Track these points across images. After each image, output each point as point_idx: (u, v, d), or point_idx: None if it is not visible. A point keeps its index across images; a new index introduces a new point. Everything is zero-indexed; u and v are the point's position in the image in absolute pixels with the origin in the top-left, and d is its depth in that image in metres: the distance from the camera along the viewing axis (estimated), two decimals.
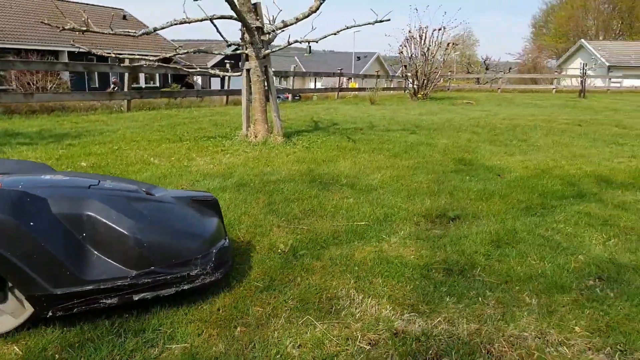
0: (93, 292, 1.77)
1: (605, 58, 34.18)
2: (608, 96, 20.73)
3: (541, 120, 10.03)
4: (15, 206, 1.71)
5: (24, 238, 1.67)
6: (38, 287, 1.68)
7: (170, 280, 1.91)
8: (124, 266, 1.83)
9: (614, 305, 2.14)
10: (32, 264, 1.67)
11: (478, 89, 25.62)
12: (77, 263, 1.76)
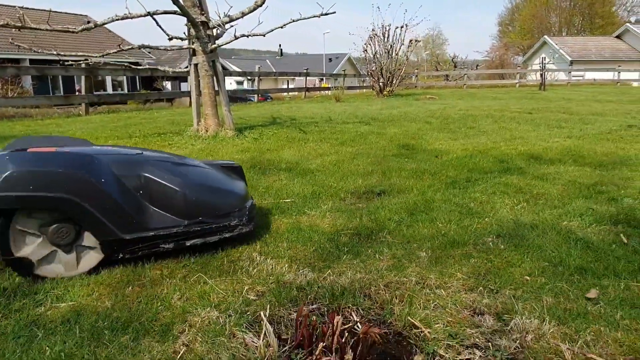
0: (154, 237, 2.11)
1: (567, 53, 35.24)
2: (567, 88, 21.40)
3: (494, 110, 10.32)
4: (90, 166, 2.01)
5: (99, 192, 1.97)
6: (110, 232, 2.00)
7: (215, 229, 2.27)
8: (177, 217, 2.18)
9: (500, 255, 2.28)
10: (106, 213, 1.98)
11: (445, 86, 26.14)
12: (139, 214, 2.09)
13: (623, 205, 3.06)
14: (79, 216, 1.96)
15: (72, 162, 1.99)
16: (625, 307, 1.78)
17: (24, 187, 1.86)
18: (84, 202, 1.93)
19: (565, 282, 1.99)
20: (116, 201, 2.01)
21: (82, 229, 2.03)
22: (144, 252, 2.12)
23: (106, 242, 2.03)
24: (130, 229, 2.05)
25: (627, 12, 48.72)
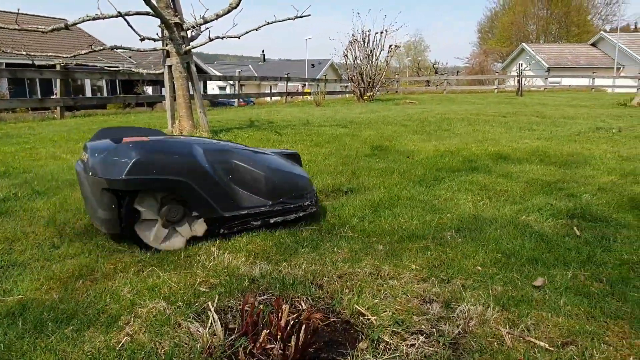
0: (246, 216, 2.43)
1: (544, 60, 36.02)
2: (544, 94, 21.85)
3: (471, 114, 10.48)
4: (197, 153, 2.29)
5: (206, 176, 2.26)
6: (214, 211, 2.31)
7: (293, 209, 2.58)
8: (263, 198, 2.49)
9: (456, 248, 2.31)
10: (210, 194, 2.28)
11: (426, 91, 26.46)
12: (234, 196, 2.39)
13: (581, 201, 3.13)
14: (190, 196, 2.24)
15: (183, 150, 2.31)
16: (570, 294, 1.83)
17: (149, 171, 2.12)
18: (195, 185, 2.22)
19: (516, 272, 2.03)
20: (218, 184, 2.32)
21: (190, 209, 2.29)
22: (238, 228, 2.43)
23: (210, 219, 2.33)
24: (229, 208, 2.37)
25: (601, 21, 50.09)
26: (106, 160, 2.16)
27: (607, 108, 12.25)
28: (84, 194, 2.41)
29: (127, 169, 2.08)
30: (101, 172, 2.13)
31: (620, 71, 33.69)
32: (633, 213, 2.87)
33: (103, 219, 2.19)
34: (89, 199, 2.29)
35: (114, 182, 2.09)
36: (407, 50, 74.15)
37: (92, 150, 2.28)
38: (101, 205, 2.17)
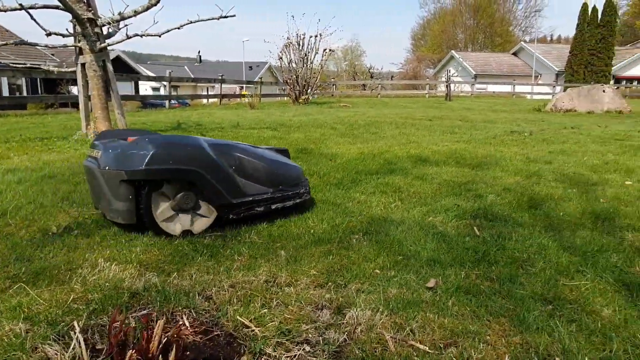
0: (252, 202, 2.64)
1: (471, 67, 38.00)
2: (470, 99, 23.01)
3: (400, 118, 10.77)
4: (208, 145, 2.49)
5: (217, 166, 2.45)
6: (224, 198, 2.50)
7: (291, 196, 2.83)
8: (265, 186, 2.71)
9: (359, 251, 2.30)
10: (221, 183, 2.47)
11: (362, 95, 26.97)
12: (241, 184, 2.59)
13: (486, 202, 3.26)
14: (203, 185, 2.43)
15: (194, 143, 2.48)
16: (460, 294, 1.86)
17: (166, 161, 2.29)
18: (207, 174, 2.41)
19: (413, 274, 2.04)
20: (226, 173, 2.51)
21: (202, 197, 2.48)
22: (245, 214, 2.64)
23: (220, 205, 2.52)
24: (237, 195, 2.56)
25: (522, 32, 53.78)
26: (124, 154, 2.32)
27: (524, 113, 13.09)
28: (95, 189, 2.52)
29: (146, 160, 2.25)
30: (119, 165, 2.29)
31: (538, 79, 36.26)
32: (530, 212, 3.02)
33: (120, 210, 2.33)
34: (103, 193, 2.40)
35: (134, 173, 2.26)
36: (345, 54, 75.35)
37: (106, 147, 2.43)
38: (118, 197, 2.31)
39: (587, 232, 2.63)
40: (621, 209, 3.09)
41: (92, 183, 2.56)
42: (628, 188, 3.72)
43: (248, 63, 48.69)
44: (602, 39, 30.17)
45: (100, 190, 2.43)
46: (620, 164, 4.70)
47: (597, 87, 13.53)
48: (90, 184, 2.61)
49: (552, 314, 1.72)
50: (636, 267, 2.16)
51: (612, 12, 30.29)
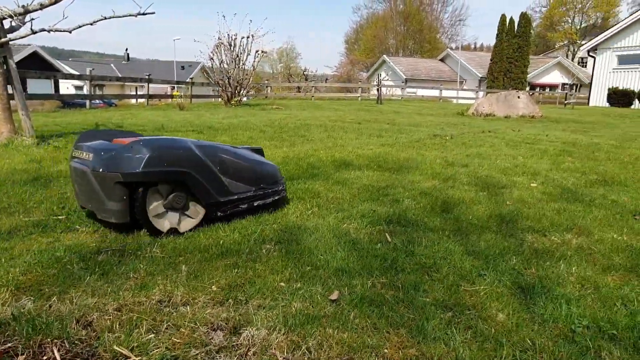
0: (237, 200, 2.78)
1: (402, 72, 39.33)
2: (401, 103, 23.76)
3: (330, 121, 10.84)
4: (195, 147, 2.60)
5: (206, 167, 2.59)
6: (212, 197, 2.63)
7: (270, 193, 3.00)
8: (247, 185, 2.85)
9: (267, 263, 2.21)
10: (209, 182, 2.60)
11: (296, 97, 26.98)
12: (225, 184, 2.71)
13: (401, 206, 3.30)
14: (194, 185, 2.56)
15: (184, 145, 2.60)
16: (363, 305, 1.83)
17: (160, 164, 2.41)
18: (198, 175, 2.56)
19: (320, 285, 1.99)
20: (214, 173, 2.65)
21: (193, 196, 2.61)
22: (230, 211, 2.79)
23: (209, 204, 2.66)
24: (223, 194, 2.72)
25: (448, 39, 56.59)
26: (119, 157, 2.38)
27: (448, 117, 13.69)
28: (84, 189, 2.57)
29: (143, 163, 2.35)
30: (114, 167, 2.36)
31: (463, 84, 38.26)
32: (442, 216, 3.09)
33: (114, 210, 2.42)
34: (95, 194, 2.45)
35: (130, 176, 2.35)
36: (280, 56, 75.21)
37: (97, 150, 2.48)
38: (113, 197, 2.40)
39: (491, 235, 2.73)
40: (524, 210, 3.26)
41: (80, 183, 2.61)
42: (532, 190, 3.95)
43: (180, 62, 47.14)
44: (519, 48, 32.41)
45: (91, 191, 2.49)
46: (528, 167, 5.00)
47: (513, 93, 14.46)
48: (78, 184, 2.65)
49: (451, 322, 1.74)
50: (532, 268, 2.26)
51: (526, 24, 32.64)
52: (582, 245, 2.60)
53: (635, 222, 3.07)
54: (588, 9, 48.00)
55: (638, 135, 8.67)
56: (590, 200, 3.66)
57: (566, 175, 4.62)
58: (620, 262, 2.35)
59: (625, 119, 14.22)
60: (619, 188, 4.11)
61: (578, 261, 2.35)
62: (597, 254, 2.46)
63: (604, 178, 4.50)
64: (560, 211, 3.27)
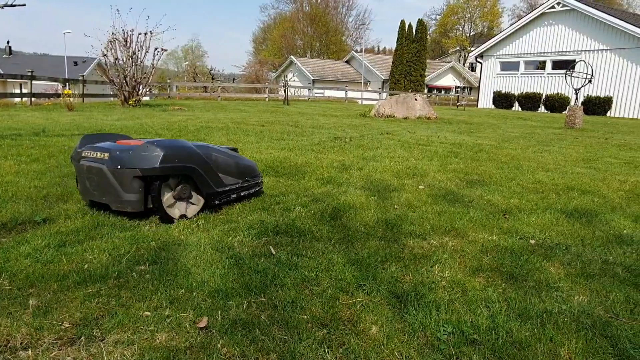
0: (229, 191, 3.33)
1: (309, 72, 39.87)
2: (307, 104, 24.01)
3: (233, 122, 10.58)
4: (195, 147, 3.11)
5: (204, 162, 3.09)
6: (211, 188, 3.15)
7: (253, 184, 3.57)
8: (235, 178, 3.39)
9: (135, 288, 2.02)
10: (208, 175, 3.11)
11: (203, 97, 26.09)
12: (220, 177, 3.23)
13: (292, 215, 3.25)
14: (197, 178, 3.02)
15: (188, 145, 3.06)
16: (235, 330, 1.73)
17: (173, 160, 2.86)
18: (200, 169, 3.02)
19: (192, 310, 1.86)
20: (212, 168, 3.12)
21: (196, 188, 3.07)
22: (224, 200, 3.26)
23: (208, 194, 3.12)
24: (219, 185, 3.18)
25: (353, 42, 58.47)
26: (136, 155, 2.77)
27: (351, 118, 14.07)
28: (95, 184, 2.91)
29: (160, 160, 2.75)
30: (132, 164, 2.74)
31: (368, 85, 39.78)
32: (330, 224, 3.10)
33: (131, 201, 2.81)
34: (110, 187, 2.82)
35: (148, 170, 2.74)
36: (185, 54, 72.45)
37: (112, 150, 2.86)
38: (130, 190, 2.78)
39: (375, 242, 2.78)
40: (409, 214, 3.38)
41: (93, 180, 2.93)
42: (420, 193, 4.13)
43: (72, 58, 43.33)
44: (417, 52, 34.45)
45: (107, 185, 2.85)
46: (418, 169, 5.25)
47: (411, 95, 15.27)
48: (89, 180, 2.97)
49: (324, 340, 1.71)
50: (410, 274, 2.33)
51: (423, 30, 34.78)
52: (457, 248, 2.74)
53: (505, 221, 3.33)
54: (476, 18, 52.50)
55: (515, 136, 9.58)
56: (469, 201, 3.91)
57: (451, 177, 4.92)
58: (487, 263, 2.51)
59: (506, 120, 15.69)
60: (495, 187, 4.45)
61: (451, 264, 2.47)
62: (469, 256, 2.61)
63: (482, 178, 4.86)
64: (441, 213, 3.45)
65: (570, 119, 12.51)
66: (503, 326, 1.83)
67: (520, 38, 24.40)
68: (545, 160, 6.31)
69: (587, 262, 2.58)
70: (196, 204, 3.16)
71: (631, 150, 7.84)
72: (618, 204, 3.95)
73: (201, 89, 32.55)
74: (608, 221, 3.42)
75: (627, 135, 11.17)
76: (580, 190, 4.45)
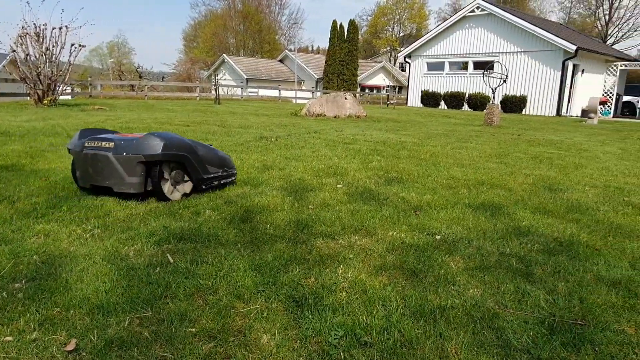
0: (212, 178, 3.86)
1: (243, 71, 39.22)
2: (240, 103, 23.59)
3: (156, 123, 10.12)
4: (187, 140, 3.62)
5: (194, 152, 3.62)
6: (199, 174, 3.69)
7: (230, 174, 4.10)
8: (216, 168, 3.89)
9: (1, 310, 1.80)
10: (197, 164, 3.64)
11: (130, 96, 24.81)
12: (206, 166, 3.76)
13: (200, 219, 3.11)
14: (189, 164, 3.56)
15: (181, 137, 3.57)
16: (110, 351, 1.58)
17: (171, 149, 3.36)
18: (192, 157, 3.57)
19: (65, 332, 1.68)
20: (199, 158, 3.67)
21: (187, 173, 3.63)
22: (209, 185, 3.85)
23: (197, 179, 3.70)
24: (205, 172, 3.76)
25: (287, 41, 58.36)
26: (141, 144, 3.27)
27: (282, 117, 13.97)
28: (99, 170, 3.36)
29: (161, 147, 3.28)
30: (136, 151, 3.24)
31: (302, 85, 39.86)
32: (239, 227, 2.99)
33: (133, 183, 3.32)
34: (114, 172, 3.30)
35: (151, 156, 3.26)
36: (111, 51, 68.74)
37: (116, 140, 3.34)
38: (133, 173, 3.30)
39: (283, 244, 2.71)
40: (322, 214, 3.35)
41: (95, 166, 3.35)
42: (337, 191, 4.13)
43: None
44: (349, 52, 34.99)
45: (111, 170, 3.29)
46: (339, 167, 5.26)
47: (341, 94, 15.45)
48: (92, 167, 3.37)
49: (210, 354, 1.61)
50: (313, 277, 2.28)
51: (354, 30, 35.40)
52: (364, 247, 2.74)
53: (415, 217, 3.40)
54: (404, 20, 54.32)
55: (437, 134, 9.96)
56: (385, 198, 3.96)
57: (371, 175, 4.98)
58: (392, 261, 2.52)
59: (432, 118, 16.32)
60: (411, 184, 4.56)
61: (356, 264, 2.46)
62: (375, 255, 2.61)
63: (401, 176, 4.97)
64: (354, 212, 3.45)
65: (489, 117, 13.24)
66: (396, 325, 1.83)
67: (445, 39, 25.52)
68: (461, 156, 6.59)
69: (486, 255, 2.67)
70: (187, 187, 3.68)
71: (539, 145, 8.40)
72: (521, 197, 4.17)
73: (128, 87, 30.97)
74: (510, 214, 3.59)
75: (538, 131, 12.00)
76: (489, 185, 4.66)
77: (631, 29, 46.37)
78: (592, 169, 5.92)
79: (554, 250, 2.82)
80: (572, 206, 3.90)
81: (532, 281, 2.34)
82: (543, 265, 2.56)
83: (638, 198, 4.32)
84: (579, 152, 7.61)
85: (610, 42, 45.77)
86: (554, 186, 4.72)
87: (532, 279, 2.37)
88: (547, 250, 2.81)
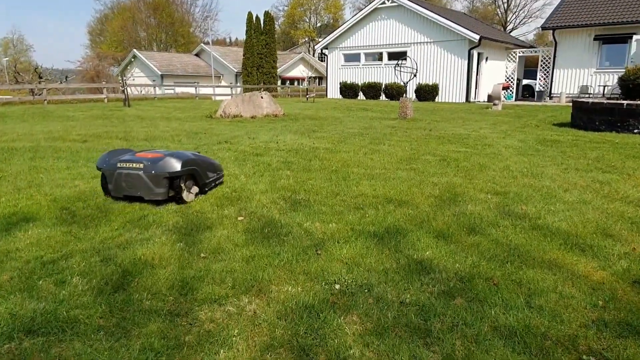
0: (211, 181, 4.87)
1: (156, 67, 37.14)
2: (153, 103, 22.20)
3: (49, 138, 9.06)
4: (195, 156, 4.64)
5: (199, 164, 4.59)
6: (203, 180, 4.68)
7: (220, 176, 5.15)
8: (213, 173, 4.90)
9: None
10: (203, 171, 4.67)
11: (24, 101, 22.44)
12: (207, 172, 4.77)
13: (62, 294, 2.64)
14: (197, 175, 4.57)
15: (191, 154, 4.60)
16: None
17: (187, 165, 4.36)
18: (199, 169, 4.56)
19: None
20: (203, 168, 4.67)
21: (196, 181, 4.61)
22: (209, 187, 4.86)
23: (202, 184, 4.68)
24: (206, 178, 4.76)
25: (202, 34, 56.13)
26: (164, 164, 4.23)
27: (196, 121, 13.25)
28: (131, 185, 4.33)
29: (181, 165, 4.27)
30: (162, 169, 4.21)
31: (221, 79, 38.61)
32: (109, 301, 2.56)
33: (160, 192, 4.29)
34: (145, 185, 4.27)
35: (174, 173, 4.23)
36: (5, 48, 62.25)
37: (145, 161, 4.30)
38: (160, 185, 4.26)
39: (159, 323, 2.33)
40: (213, 267, 2.99)
41: (127, 181, 4.33)
42: (237, 227, 3.79)
43: None
44: (267, 44, 34.32)
45: (142, 184, 4.28)
46: (245, 191, 4.91)
47: (257, 94, 14.97)
48: (125, 182, 4.35)
49: None
50: None
51: (270, 21, 34.74)
52: (254, 313, 2.45)
53: (316, 260, 3.16)
54: (320, 10, 54.36)
55: (353, 133, 9.88)
56: (287, 232, 3.70)
57: (277, 197, 4.69)
58: (281, 335, 2.26)
59: (350, 112, 16.34)
60: (318, 208, 4.33)
61: (240, 344, 2.16)
62: (264, 325, 2.34)
63: (308, 197, 4.73)
64: (250, 260, 3.15)
65: (402, 111, 13.47)
66: None
67: (360, 31, 25.73)
68: (373, 163, 6.50)
69: (385, 309, 2.49)
70: (194, 192, 4.61)
71: (448, 143, 8.59)
72: (426, 216, 4.10)
73: (27, 91, 28.00)
74: (414, 242, 3.48)
75: (448, 122, 12.39)
76: (397, 202, 4.56)
77: (527, 15, 50.15)
78: (495, 170, 6.07)
79: (454, 290, 2.71)
80: (474, 225, 3.87)
81: (429, 343, 2.19)
82: (442, 316, 2.43)
83: (533, 206, 4.42)
84: (483, 148, 7.85)
85: (510, 28, 49.15)
86: (458, 197, 4.73)
87: (429, 339, 2.22)
88: (447, 292, 2.69)
